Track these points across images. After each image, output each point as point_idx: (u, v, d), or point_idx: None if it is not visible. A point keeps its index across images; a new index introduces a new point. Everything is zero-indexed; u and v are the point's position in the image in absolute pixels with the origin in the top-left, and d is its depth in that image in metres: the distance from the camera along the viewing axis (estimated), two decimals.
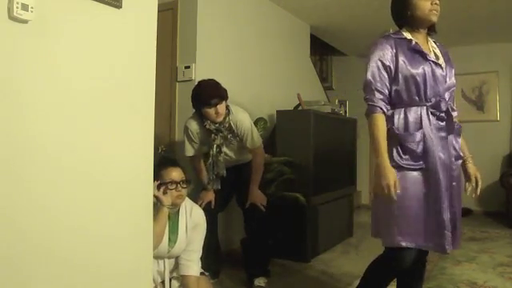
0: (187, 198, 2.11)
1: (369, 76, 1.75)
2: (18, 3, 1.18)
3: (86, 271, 1.39)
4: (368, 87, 1.75)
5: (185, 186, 2.04)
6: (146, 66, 1.61)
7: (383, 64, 1.73)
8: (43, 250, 1.27)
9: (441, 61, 1.78)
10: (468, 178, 1.87)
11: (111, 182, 1.47)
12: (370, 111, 1.74)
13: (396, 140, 1.72)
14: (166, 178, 1.98)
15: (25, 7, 1.19)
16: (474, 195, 1.86)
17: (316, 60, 6.00)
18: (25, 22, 1.22)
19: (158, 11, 1.66)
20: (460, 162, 1.82)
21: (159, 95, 1.80)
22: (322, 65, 6.38)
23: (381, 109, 1.72)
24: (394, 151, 1.71)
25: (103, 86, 1.45)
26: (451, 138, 1.76)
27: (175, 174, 2.02)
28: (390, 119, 1.75)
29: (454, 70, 1.84)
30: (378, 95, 1.73)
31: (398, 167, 1.70)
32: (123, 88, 1.52)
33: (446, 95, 1.77)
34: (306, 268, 3.21)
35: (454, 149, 1.78)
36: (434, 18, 1.75)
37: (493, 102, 5.69)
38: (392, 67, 1.73)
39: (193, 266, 2.08)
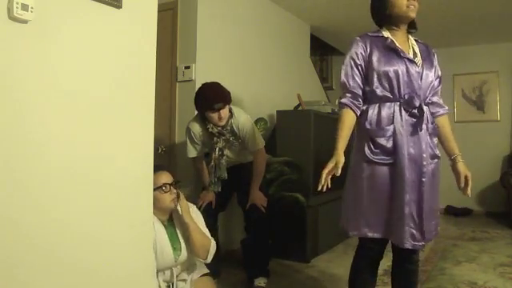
0: None
1: (342, 76, 1.83)
2: (17, 3, 1.18)
3: (86, 273, 1.39)
4: (342, 87, 1.84)
5: (178, 186, 2.02)
6: (145, 66, 1.61)
7: (355, 63, 1.79)
8: (43, 251, 1.27)
9: (417, 58, 1.79)
10: (458, 176, 1.88)
11: (111, 182, 1.47)
12: (341, 107, 1.82)
13: (367, 135, 1.77)
14: (157, 183, 1.95)
15: (25, 7, 1.19)
16: (466, 194, 1.87)
17: (316, 60, 6.00)
18: (25, 22, 1.22)
19: (158, 11, 1.66)
20: (436, 160, 1.82)
21: (159, 95, 1.80)
22: (322, 65, 6.38)
23: (349, 107, 1.79)
24: (366, 146, 1.76)
25: (103, 86, 1.45)
26: (425, 135, 1.76)
27: (165, 177, 2.00)
28: (363, 114, 1.81)
29: (435, 68, 1.85)
30: (348, 95, 1.80)
31: (369, 161, 1.76)
32: (123, 88, 1.52)
33: (422, 92, 1.78)
34: (306, 268, 3.20)
35: (430, 147, 1.79)
36: (412, 14, 1.76)
37: (493, 102, 5.69)
38: (363, 66, 1.79)
39: (202, 265, 2.10)
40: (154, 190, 1.92)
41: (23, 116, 1.23)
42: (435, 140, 1.84)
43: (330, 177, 1.74)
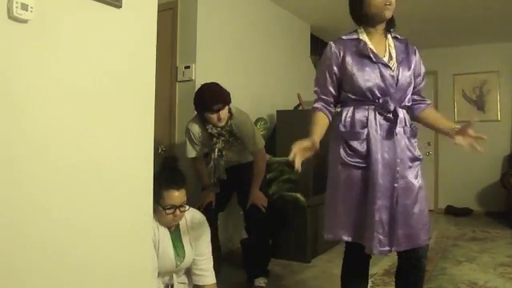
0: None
1: (315, 84, 1.83)
2: (17, 3, 1.17)
3: (85, 271, 1.39)
4: (315, 92, 1.84)
5: (184, 209, 1.94)
6: (146, 66, 1.60)
7: (329, 70, 1.78)
8: (43, 250, 1.27)
9: (392, 62, 1.75)
10: (466, 131, 1.75)
11: (111, 181, 1.47)
12: (313, 110, 1.82)
13: (342, 138, 1.75)
14: (166, 201, 1.88)
15: (24, 7, 1.19)
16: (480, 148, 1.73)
17: (316, 60, 5.98)
18: (24, 21, 1.21)
19: (158, 11, 1.66)
20: (417, 163, 1.77)
21: (159, 95, 1.80)
22: None
23: (321, 111, 1.79)
24: (341, 149, 1.74)
25: (103, 86, 1.45)
26: (401, 139, 1.72)
27: (177, 198, 1.90)
28: (338, 116, 1.79)
29: (415, 66, 1.80)
30: (320, 101, 1.80)
31: (344, 164, 1.73)
32: (123, 88, 1.52)
33: (398, 95, 1.74)
34: (306, 268, 3.20)
35: (409, 150, 1.74)
36: (388, 14, 1.72)
37: (493, 101, 5.69)
38: (338, 72, 1.76)
39: (208, 275, 2.06)
40: (160, 203, 1.87)
41: (23, 116, 1.23)
42: (414, 141, 1.79)
43: (304, 158, 1.66)
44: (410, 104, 1.82)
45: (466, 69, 5.75)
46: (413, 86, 1.80)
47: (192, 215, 2.06)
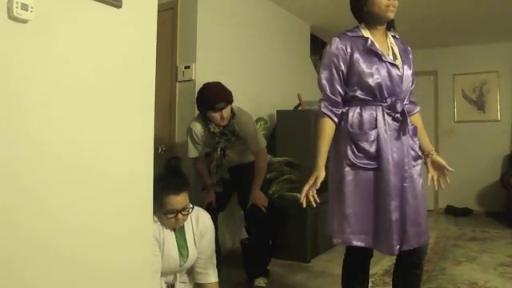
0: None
1: (323, 80, 1.76)
2: (17, 3, 1.17)
3: (85, 270, 1.39)
4: (322, 90, 1.77)
5: (186, 212, 1.91)
6: (146, 66, 1.60)
7: (336, 67, 1.72)
8: (43, 249, 1.27)
9: (398, 61, 1.74)
10: (442, 165, 1.86)
11: (111, 181, 1.47)
12: (320, 115, 1.76)
13: (349, 138, 1.71)
14: (166, 207, 1.85)
15: (24, 7, 1.19)
16: (443, 185, 1.88)
17: (316, 60, 5.99)
18: (24, 21, 1.21)
19: (158, 11, 1.66)
20: (420, 161, 1.78)
21: (159, 95, 1.80)
22: None
23: (328, 116, 1.73)
24: (349, 150, 1.70)
25: (103, 86, 1.45)
26: (406, 138, 1.72)
27: (177, 202, 1.87)
28: (344, 116, 1.74)
29: (411, 69, 1.79)
30: (327, 102, 1.74)
31: (353, 165, 1.70)
32: (123, 88, 1.52)
33: (403, 95, 1.73)
34: (306, 268, 3.21)
35: (412, 149, 1.75)
36: (391, 15, 1.71)
37: (493, 101, 5.69)
38: (345, 70, 1.72)
39: (211, 274, 2.07)
40: (161, 208, 1.85)
41: (23, 116, 1.23)
42: (416, 140, 1.80)
43: (315, 191, 1.72)
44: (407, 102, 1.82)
45: (466, 69, 5.76)
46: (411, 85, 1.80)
47: (197, 214, 2.06)
